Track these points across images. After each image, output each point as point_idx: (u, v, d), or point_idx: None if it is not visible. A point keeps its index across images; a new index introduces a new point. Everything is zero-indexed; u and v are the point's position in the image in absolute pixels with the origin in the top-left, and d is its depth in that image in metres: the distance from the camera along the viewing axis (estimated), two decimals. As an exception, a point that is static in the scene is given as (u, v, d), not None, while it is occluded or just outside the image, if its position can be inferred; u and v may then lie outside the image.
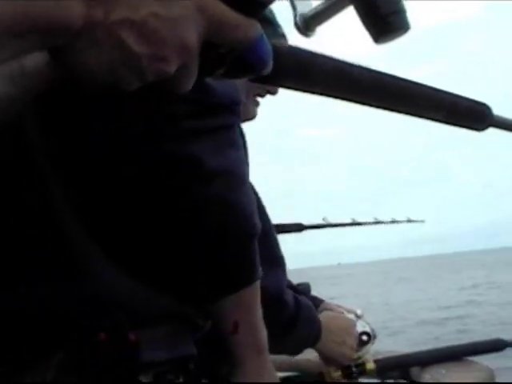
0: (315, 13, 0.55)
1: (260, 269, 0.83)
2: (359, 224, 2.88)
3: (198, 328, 0.78)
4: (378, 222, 2.92)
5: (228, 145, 0.75)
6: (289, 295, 1.35)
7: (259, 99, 1.49)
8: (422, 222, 3.38)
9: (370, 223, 2.91)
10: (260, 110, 1.49)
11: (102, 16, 0.47)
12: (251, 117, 1.49)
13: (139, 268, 0.70)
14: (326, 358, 1.49)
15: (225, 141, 0.74)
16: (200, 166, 0.71)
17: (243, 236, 0.78)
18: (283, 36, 1.49)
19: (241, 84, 1.39)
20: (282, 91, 1.52)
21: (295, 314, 1.35)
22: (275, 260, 1.34)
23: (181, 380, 0.72)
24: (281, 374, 1.81)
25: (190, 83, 0.55)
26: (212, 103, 0.72)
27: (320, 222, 2.71)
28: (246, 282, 0.81)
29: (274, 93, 1.47)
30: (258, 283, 0.83)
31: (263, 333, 0.85)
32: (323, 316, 1.46)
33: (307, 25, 0.55)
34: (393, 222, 2.99)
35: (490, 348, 1.60)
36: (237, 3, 0.53)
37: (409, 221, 3.14)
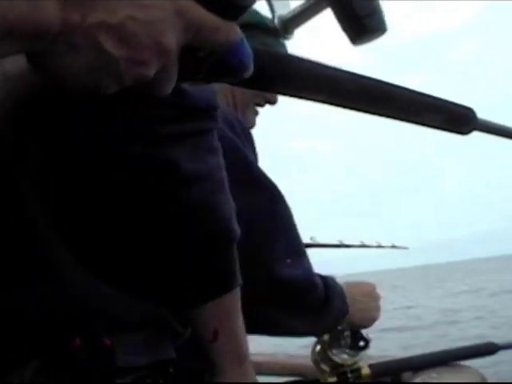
0: (293, 15, 0.55)
1: (240, 279, 0.82)
2: (346, 246, 2.93)
3: (177, 335, 0.77)
4: (364, 246, 2.97)
5: (206, 150, 0.74)
6: (316, 277, 1.38)
7: (258, 109, 1.51)
8: (406, 248, 3.44)
9: (356, 246, 2.96)
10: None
11: (78, 19, 0.47)
12: (250, 126, 1.51)
13: (117, 274, 0.69)
14: (355, 326, 1.50)
15: (202, 146, 0.74)
16: (177, 171, 0.70)
17: (222, 241, 0.77)
18: (283, 46, 1.51)
19: (240, 93, 1.42)
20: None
21: (326, 294, 1.38)
22: (299, 249, 1.36)
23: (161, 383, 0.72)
24: (278, 379, 1.82)
25: (169, 87, 0.55)
26: (189, 107, 0.72)
27: (308, 241, 2.76)
28: (225, 289, 0.80)
29: (273, 102, 1.49)
30: (238, 290, 0.82)
31: (244, 341, 0.84)
32: (344, 287, 1.48)
33: (285, 27, 0.56)
34: (378, 246, 3.05)
35: (483, 352, 1.60)
36: (216, 7, 0.54)
37: (393, 246, 3.19)
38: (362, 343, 1.51)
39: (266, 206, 1.33)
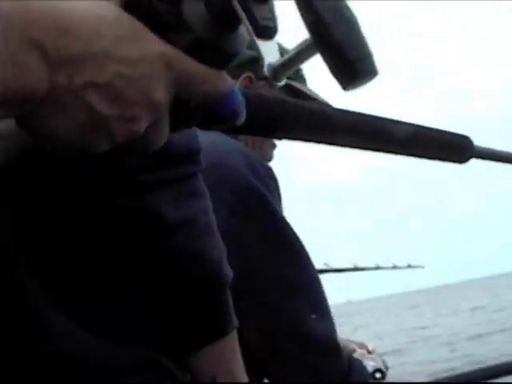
0: (282, 62, 0.55)
1: (236, 321, 0.81)
2: (361, 269, 2.90)
3: (177, 381, 0.76)
4: (378, 268, 2.94)
5: (190, 194, 0.74)
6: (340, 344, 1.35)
7: (276, 142, 1.53)
8: (422, 267, 3.40)
9: (371, 268, 2.94)
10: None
11: (66, 81, 0.46)
12: (268, 159, 1.52)
13: (110, 322, 0.68)
14: None
15: (186, 191, 0.74)
16: (160, 220, 0.70)
17: (212, 286, 0.77)
18: (303, 79, 1.53)
19: None
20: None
21: (349, 368, 1.34)
22: (324, 307, 1.34)
23: None
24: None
25: (161, 141, 0.55)
26: (169, 155, 0.72)
27: (321, 266, 2.75)
28: (219, 334, 0.79)
29: None
30: (234, 333, 0.81)
31: (243, 382, 0.83)
32: None
33: (275, 75, 0.55)
34: (394, 267, 3.02)
35: None
36: (205, 56, 0.53)
37: (409, 266, 3.16)
38: (378, 375, 1.49)
39: (292, 261, 1.31)
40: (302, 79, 1.56)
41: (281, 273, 1.28)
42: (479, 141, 0.90)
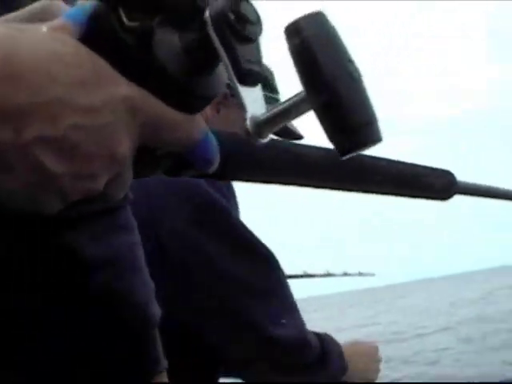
0: (268, 117, 0.47)
1: (165, 361, 0.73)
2: (311, 276, 2.92)
3: None
4: (329, 275, 2.98)
5: (112, 230, 0.66)
6: (309, 334, 1.40)
7: None
8: (373, 275, 3.46)
9: (321, 275, 2.97)
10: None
11: (11, 135, 0.39)
12: None
13: (29, 368, 0.62)
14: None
15: (108, 226, 0.66)
16: (77, 256, 0.62)
17: (139, 329, 0.69)
18: (276, 91, 1.51)
19: None
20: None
21: (322, 350, 1.40)
22: (292, 307, 1.39)
23: None
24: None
25: (122, 193, 0.48)
26: None
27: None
28: (144, 377, 0.71)
29: None
30: (164, 374, 0.73)
31: None
32: (343, 347, 1.50)
33: (259, 131, 0.46)
34: (344, 274, 3.05)
35: None
36: (176, 98, 0.45)
37: (360, 274, 3.20)
38: None
39: (261, 269, 1.34)
40: (275, 91, 1.52)
41: (253, 283, 1.31)
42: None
